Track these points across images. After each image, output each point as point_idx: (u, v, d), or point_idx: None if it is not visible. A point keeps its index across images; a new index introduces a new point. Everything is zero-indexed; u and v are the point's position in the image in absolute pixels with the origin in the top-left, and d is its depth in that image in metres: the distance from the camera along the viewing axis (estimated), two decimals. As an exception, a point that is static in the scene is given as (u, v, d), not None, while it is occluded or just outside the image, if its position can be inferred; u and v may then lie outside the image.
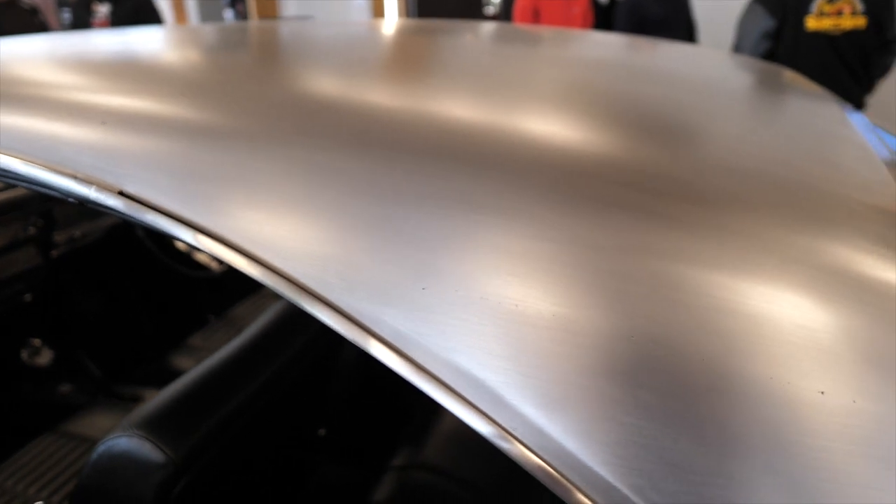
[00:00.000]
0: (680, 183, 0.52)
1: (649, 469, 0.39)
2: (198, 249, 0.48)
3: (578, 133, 0.64)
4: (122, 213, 0.51)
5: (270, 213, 0.48)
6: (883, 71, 2.98)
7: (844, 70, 2.90)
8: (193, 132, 0.55)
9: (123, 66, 0.72)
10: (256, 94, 0.66)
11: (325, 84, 0.74)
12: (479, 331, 0.43)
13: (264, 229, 0.48)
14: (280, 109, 0.60)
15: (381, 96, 0.71)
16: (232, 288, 1.79)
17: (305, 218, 0.48)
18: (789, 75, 1.22)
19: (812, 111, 0.84)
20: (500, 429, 0.42)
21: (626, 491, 0.39)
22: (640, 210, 0.48)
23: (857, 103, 2.96)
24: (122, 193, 0.51)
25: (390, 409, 1.40)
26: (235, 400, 0.84)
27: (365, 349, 0.45)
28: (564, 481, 0.40)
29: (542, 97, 0.74)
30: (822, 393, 0.38)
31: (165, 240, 1.68)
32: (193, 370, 0.86)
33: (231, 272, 1.58)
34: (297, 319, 1.03)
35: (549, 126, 0.65)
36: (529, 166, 0.52)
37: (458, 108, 0.69)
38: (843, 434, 0.38)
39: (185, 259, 1.71)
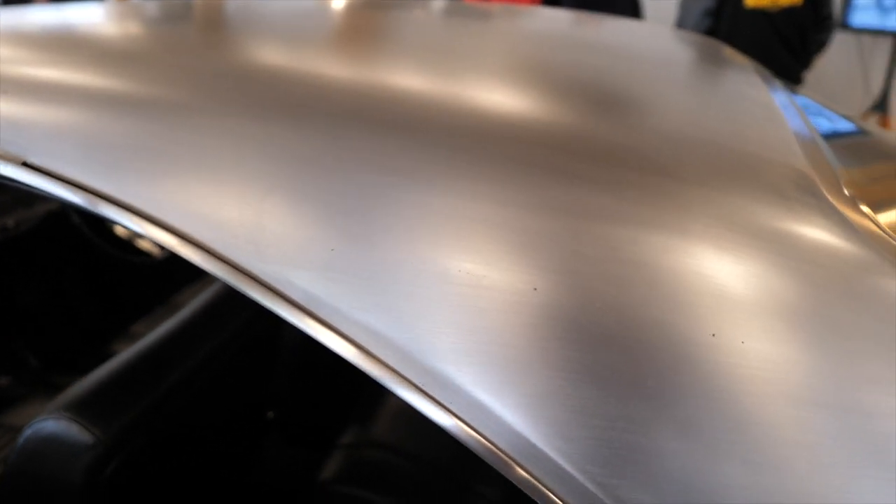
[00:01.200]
0: (605, 146, 0.53)
1: (555, 416, 0.40)
2: (101, 217, 0.47)
3: (513, 101, 0.65)
4: (27, 185, 0.50)
5: (179, 180, 0.48)
6: (819, 47, 3.07)
7: (782, 46, 2.97)
8: (103, 101, 0.54)
9: (33, 36, 0.70)
10: (176, 62, 0.64)
11: (250, 53, 0.73)
12: (389, 290, 0.43)
13: (173, 197, 0.47)
14: (199, 78, 0.59)
15: (308, 64, 0.70)
16: (176, 274, 1.76)
17: (215, 184, 0.47)
18: (719, 48, 1.24)
19: (734, 81, 0.86)
20: (410, 384, 0.42)
21: (533, 440, 0.40)
22: (558, 170, 0.48)
23: (796, 78, 3.04)
24: (25, 164, 0.50)
25: (338, 389, 1.40)
26: (169, 380, 0.83)
27: (277, 313, 0.45)
28: (470, 430, 0.41)
29: (481, 68, 0.74)
30: (714, 335, 0.40)
31: (104, 226, 1.64)
32: (125, 352, 0.84)
33: (174, 258, 1.54)
34: (233, 300, 1.02)
35: (484, 94, 0.65)
36: (453, 131, 0.52)
37: (390, 76, 0.68)
38: (734, 374, 0.39)
39: (126, 245, 1.67)
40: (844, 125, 1.01)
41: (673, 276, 0.42)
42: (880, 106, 3.98)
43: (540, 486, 0.40)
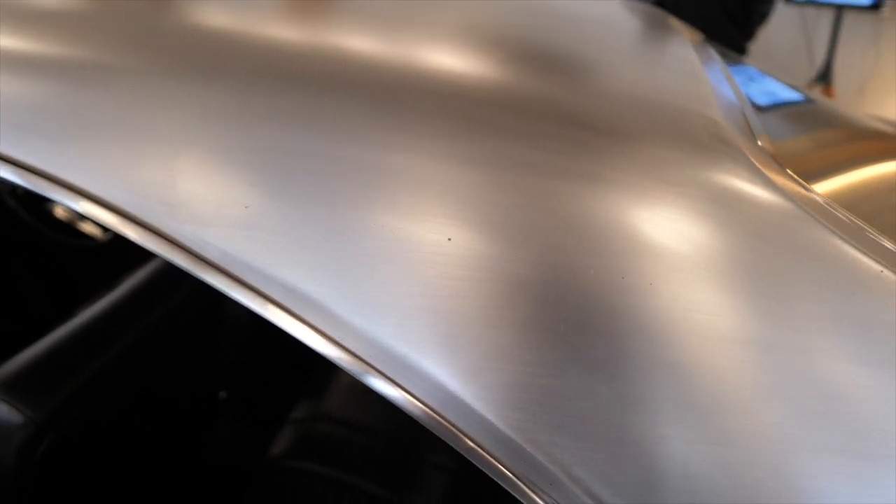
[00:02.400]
0: (529, 100, 0.53)
1: (472, 363, 0.40)
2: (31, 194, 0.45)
3: (440, 56, 0.64)
4: None
5: (89, 142, 0.46)
6: (761, 18, 3.12)
7: (727, 18, 3.01)
8: (9, 62, 0.52)
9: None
10: (88, 21, 0.62)
11: (174, 13, 0.71)
12: (307, 246, 0.43)
13: (82, 159, 0.46)
14: (114, 37, 0.57)
15: (237, 23, 0.68)
16: (121, 256, 1.72)
17: (126, 144, 0.46)
18: (661, 17, 1.26)
19: (665, 45, 0.87)
20: (327, 338, 0.42)
21: (451, 387, 0.41)
22: (480, 123, 0.48)
23: (740, 49, 3.09)
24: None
25: (289, 365, 1.40)
26: (104, 357, 0.81)
27: (192, 273, 0.44)
28: (389, 381, 0.41)
29: (412, 26, 0.73)
30: (623, 278, 0.41)
31: (42, 208, 1.59)
32: (56, 330, 0.82)
33: (118, 240, 1.51)
34: (171, 276, 1.00)
35: (411, 51, 0.64)
36: (374, 86, 0.51)
37: (318, 35, 0.67)
38: (642, 315, 0.40)
39: (67, 228, 1.63)
40: (791, 94, 1.03)
41: (583, 222, 0.42)
42: (823, 77, 4.07)
43: (456, 431, 0.41)
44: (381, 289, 0.41)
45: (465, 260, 0.41)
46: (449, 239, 0.42)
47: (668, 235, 0.43)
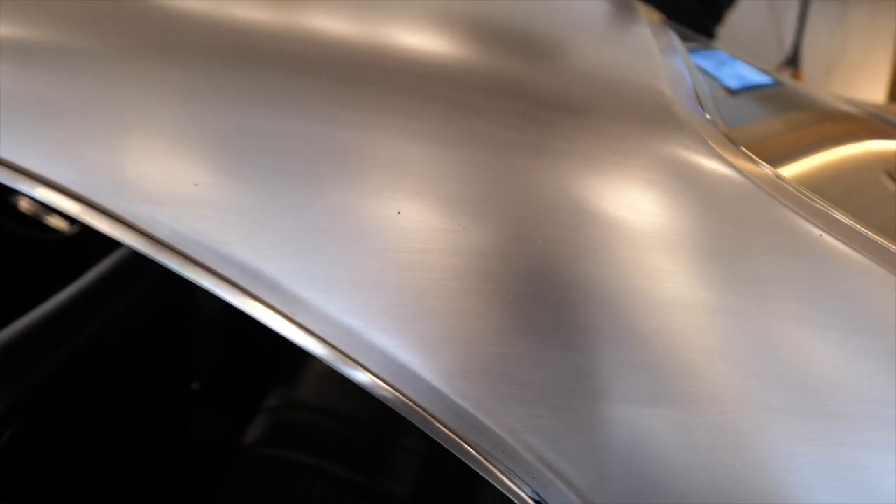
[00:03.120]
0: (494, 78, 0.53)
1: (423, 335, 0.41)
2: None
3: (390, 34, 0.64)
4: None
5: (36, 122, 0.46)
6: (730, 2, 3.15)
7: (696, 2, 3.04)
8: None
9: None
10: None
11: None
12: (258, 223, 0.43)
13: (29, 139, 0.45)
14: (63, 16, 0.56)
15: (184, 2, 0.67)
16: (88, 250, 1.70)
17: (74, 124, 0.46)
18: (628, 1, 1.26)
19: (622, 22, 0.87)
20: (279, 313, 0.42)
21: (402, 360, 0.41)
22: (430, 97, 0.48)
23: (709, 34, 3.12)
24: None
25: (262, 355, 1.39)
26: (66, 348, 0.80)
27: (145, 253, 0.44)
28: (341, 354, 0.41)
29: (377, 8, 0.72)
30: (570, 247, 0.41)
31: (6, 203, 1.57)
32: (16, 322, 0.81)
33: (85, 234, 1.50)
34: (136, 265, 0.99)
35: (368, 29, 0.64)
36: (323, 63, 0.51)
37: (273, 14, 0.67)
38: (590, 283, 0.41)
39: (32, 222, 1.60)
40: (761, 77, 1.04)
41: (531, 193, 0.43)
42: (792, 61, 4.12)
43: (410, 402, 0.41)
44: (332, 264, 0.42)
45: (414, 233, 0.42)
46: (399, 212, 0.42)
47: (614, 205, 0.43)
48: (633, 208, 0.43)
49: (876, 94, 3.79)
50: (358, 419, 1.21)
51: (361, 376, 0.42)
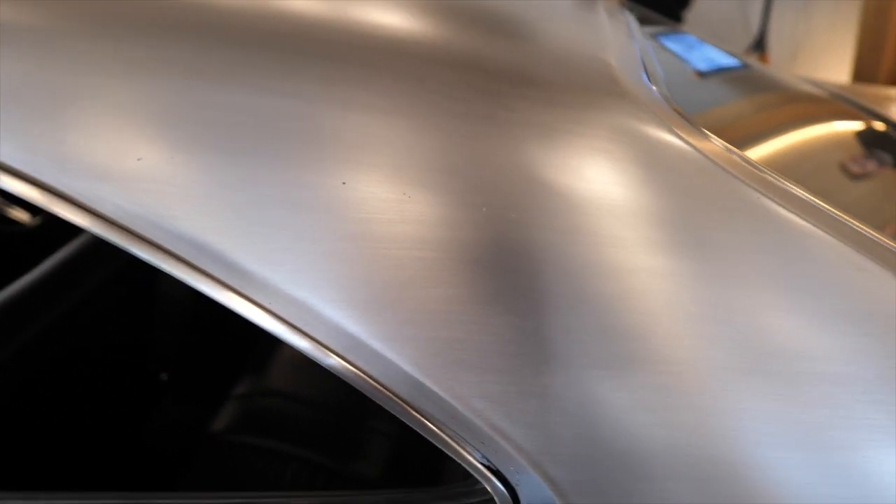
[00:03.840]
0: (441, 50, 0.53)
1: (369, 301, 0.41)
2: None
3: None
4: None
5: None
6: (697, -13, 3.18)
7: (663, -13, 3.06)
8: None
9: None
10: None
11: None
12: (200, 196, 0.42)
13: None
14: None
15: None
16: (51, 241, 1.67)
17: (13, 99, 0.45)
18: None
19: (580, 4, 0.88)
20: (225, 286, 0.42)
21: (358, 334, 0.41)
22: (364, 66, 0.48)
23: (676, 17, 3.15)
24: None
25: (231, 343, 1.38)
26: (21, 338, 0.79)
27: (90, 230, 0.43)
28: (289, 327, 0.42)
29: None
30: (514, 215, 0.42)
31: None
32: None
33: (47, 225, 1.47)
34: (97, 253, 0.98)
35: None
36: (270, 35, 0.50)
37: None
38: (529, 249, 0.42)
39: (-8, 215, 1.57)
40: (729, 60, 1.06)
41: (474, 161, 0.43)
42: (758, 45, 4.17)
43: (360, 373, 0.42)
44: (278, 235, 0.42)
45: (359, 203, 0.42)
46: (343, 183, 0.42)
47: (560, 172, 0.44)
48: (579, 175, 0.44)
49: (840, 75, 3.85)
50: (327, 404, 1.21)
51: (310, 347, 0.42)
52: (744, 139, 0.72)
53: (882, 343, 0.44)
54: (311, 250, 0.41)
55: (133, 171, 0.42)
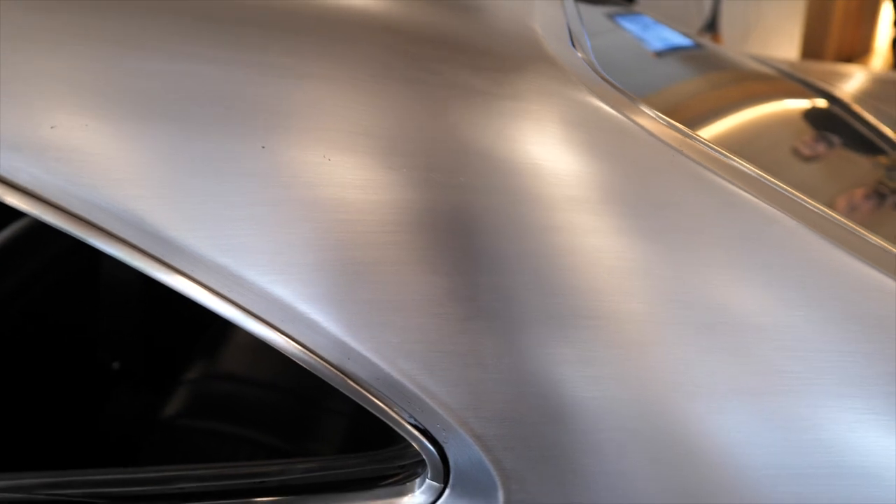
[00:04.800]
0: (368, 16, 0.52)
1: (289, 264, 0.41)
2: None
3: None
4: None
5: None
6: (649, -32, 3.21)
7: (615, -32, 3.08)
8: None
9: None
10: None
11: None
12: (117, 163, 0.42)
13: None
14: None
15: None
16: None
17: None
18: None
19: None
20: (148, 257, 0.42)
21: (275, 292, 0.41)
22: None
23: (629, -1, 3.17)
24: None
25: (183, 329, 1.37)
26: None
27: (6, 202, 0.42)
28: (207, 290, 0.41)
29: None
30: (431, 173, 0.42)
31: None
32: None
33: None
34: (35, 238, 0.96)
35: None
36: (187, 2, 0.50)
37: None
38: (451, 209, 0.42)
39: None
40: (683, 40, 1.07)
41: (394, 123, 0.43)
42: (711, 26, 4.22)
43: (287, 338, 0.42)
44: (198, 201, 0.41)
45: (280, 167, 0.42)
46: (263, 147, 0.42)
47: (480, 133, 0.44)
48: (502, 136, 0.44)
49: (790, 52, 3.93)
50: (280, 385, 1.21)
51: (235, 313, 0.42)
52: (694, 116, 0.73)
53: (809, 294, 0.45)
54: (231, 216, 0.41)
55: (47, 140, 0.42)
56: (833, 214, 0.47)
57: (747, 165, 0.48)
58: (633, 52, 0.96)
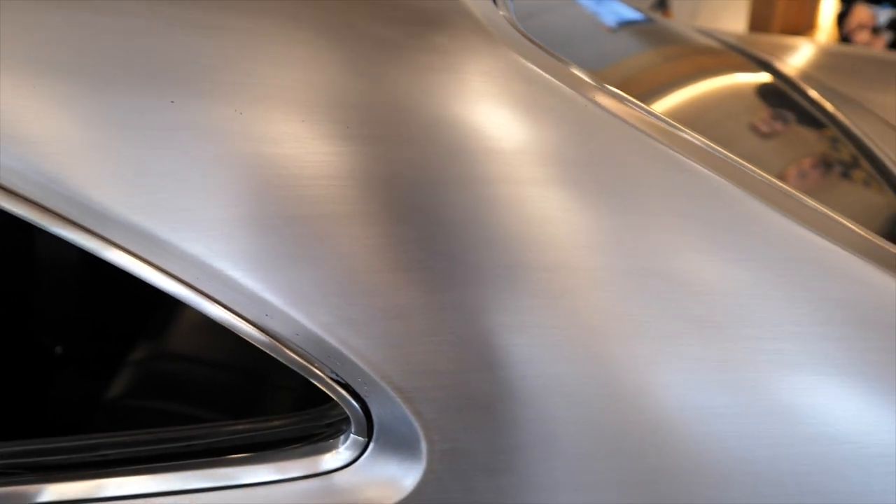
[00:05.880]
0: None
1: (208, 222, 0.41)
2: None
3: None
4: None
5: None
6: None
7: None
8: None
9: None
10: None
11: None
12: (24, 116, 0.40)
13: None
14: None
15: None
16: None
17: None
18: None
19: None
20: (63, 220, 0.41)
21: (192, 250, 0.41)
22: None
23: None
24: None
25: (127, 311, 1.34)
26: None
27: None
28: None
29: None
30: (348, 127, 0.42)
31: None
32: None
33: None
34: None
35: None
36: None
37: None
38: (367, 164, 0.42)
39: None
40: (634, 14, 1.08)
41: (302, 76, 0.43)
42: (661, 2, 4.27)
43: (208, 300, 0.41)
44: (106, 158, 0.40)
45: (190, 122, 0.41)
46: (172, 101, 0.41)
47: (405, 87, 0.44)
48: (425, 90, 0.44)
49: (738, 25, 4.00)
50: (227, 363, 1.20)
51: (152, 274, 0.42)
52: (646, 92, 0.74)
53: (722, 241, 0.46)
54: (141, 172, 0.40)
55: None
56: (750, 167, 0.48)
57: (662, 116, 0.49)
58: (579, 25, 0.96)
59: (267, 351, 0.43)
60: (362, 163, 0.42)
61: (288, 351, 0.43)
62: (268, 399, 1.13)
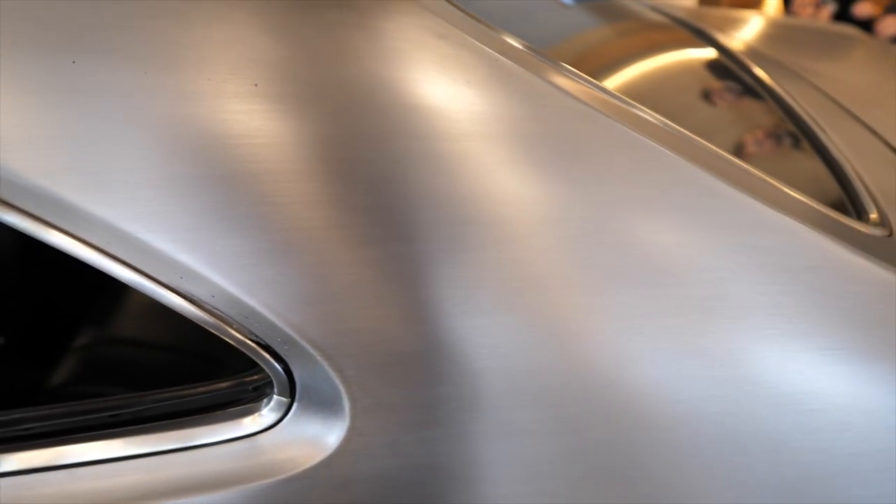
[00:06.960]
0: None
1: (124, 188, 0.40)
2: None
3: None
4: None
5: None
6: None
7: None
8: None
9: None
10: None
11: None
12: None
13: None
14: None
15: None
16: None
17: None
18: None
19: None
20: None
21: (106, 216, 0.40)
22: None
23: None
24: None
25: (68, 299, 1.31)
26: None
27: None
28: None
29: None
30: (256, 85, 0.42)
31: None
32: None
33: None
34: None
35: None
36: None
37: None
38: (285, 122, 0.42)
39: None
40: None
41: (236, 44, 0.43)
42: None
43: (122, 263, 0.41)
44: (11, 122, 0.39)
45: (93, 82, 0.40)
46: (74, 62, 0.40)
47: (347, 58, 0.44)
48: (345, 50, 0.44)
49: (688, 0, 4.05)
50: (174, 346, 1.18)
51: (63, 240, 0.41)
52: (599, 69, 0.75)
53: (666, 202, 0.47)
54: (47, 135, 0.39)
55: None
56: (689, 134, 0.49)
57: (571, 69, 0.49)
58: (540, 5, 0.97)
59: (182, 314, 0.43)
60: (273, 120, 0.42)
61: (203, 313, 0.42)
62: (198, 373, 1.12)
